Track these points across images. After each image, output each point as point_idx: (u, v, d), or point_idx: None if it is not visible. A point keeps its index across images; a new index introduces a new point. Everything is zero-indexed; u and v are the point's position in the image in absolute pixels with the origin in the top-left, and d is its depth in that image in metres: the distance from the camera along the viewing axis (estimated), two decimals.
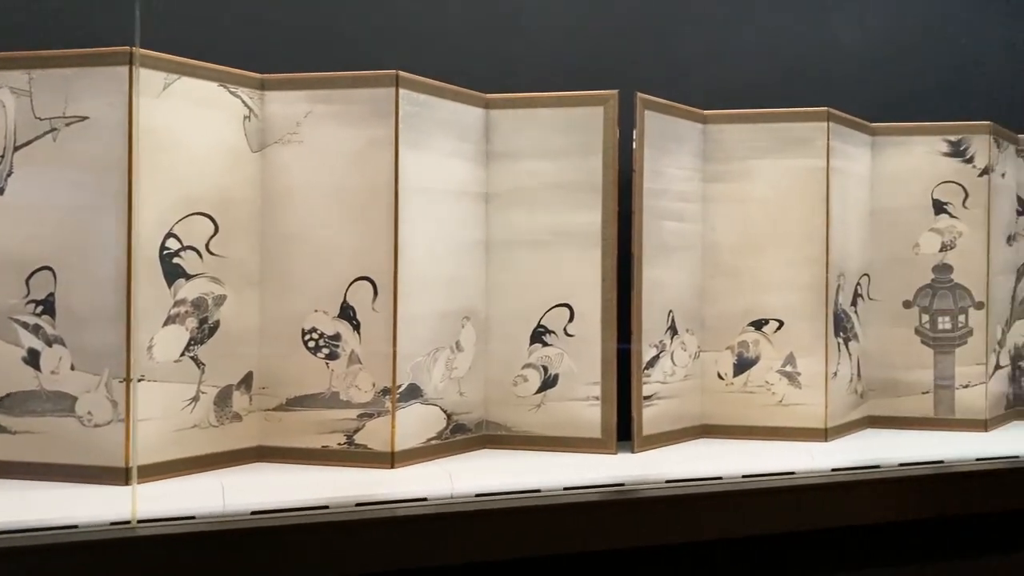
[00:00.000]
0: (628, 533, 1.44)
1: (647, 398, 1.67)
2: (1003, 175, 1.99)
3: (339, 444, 1.46)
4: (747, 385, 1.81)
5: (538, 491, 1.44)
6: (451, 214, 1.56)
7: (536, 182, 1.63)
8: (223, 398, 1.43)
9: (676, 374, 1.75)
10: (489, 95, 1.64)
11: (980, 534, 1.78)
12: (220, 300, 1.42)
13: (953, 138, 1.93)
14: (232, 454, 1.44)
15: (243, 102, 1.46)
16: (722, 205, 1.81)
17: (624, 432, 1.64)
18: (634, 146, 1.64)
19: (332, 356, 1.46)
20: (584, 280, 1.61)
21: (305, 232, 1.47)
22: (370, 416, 1.45)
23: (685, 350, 1.78)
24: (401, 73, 1.46)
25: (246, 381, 1.47)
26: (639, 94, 1.65)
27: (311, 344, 1.47)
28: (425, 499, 1.36)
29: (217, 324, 1.42)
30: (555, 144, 1.62)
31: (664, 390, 1.71)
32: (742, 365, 1.81)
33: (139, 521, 1.17)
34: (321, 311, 1.46)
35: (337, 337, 1.46)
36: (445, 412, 1.55)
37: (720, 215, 1.81)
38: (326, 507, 1.30)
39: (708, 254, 1.81)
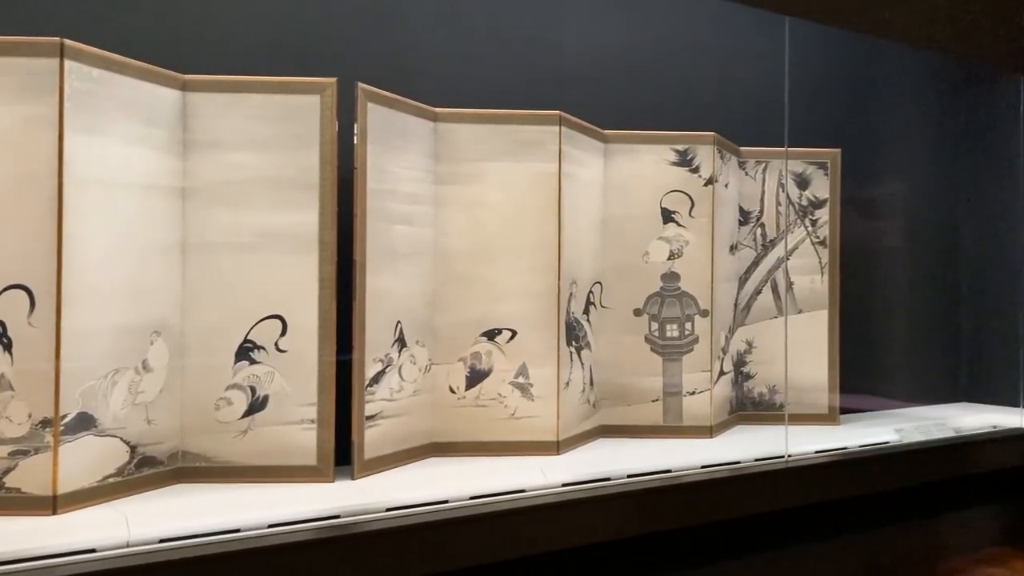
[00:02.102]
0: (345, 573, 1.28)
1: (371, 418, 1.52)
2: (726, 185, 2.04)
3: None
4: (479, 398, 1.71)
5: (237, 531, 1.25)
6: (136, 211, 1.34)
7: (243, 176, 1.44)
8: None
9: (404, 390, 1.62)
10: (187, 76, 1.43)
11: (709, 542, 1.79)
12: None
13: (680, 147, 1.94)
14: None
15: None
16: (455, 209, 1.71)
17: (345, 456, 1.49)
18: (355, 141, 1.49)
19: None
20: (299, 288, 1.44)
21: None
22: (25, 453, 1.19)
23: (415, 363, 1.65)
24: (67, 42, 1.22)
25: None
26: (360, 84, 1.50)
27: None
28: (93, 550, 1.14)
29: None
30: (265, 135, 1.44)
31: (390, 408, 1.57)
32: (475, 378, 1.71)
33: None
34: None
35: None
36: (128, 444, 1.32)
37: (452, 219, 1.71)
38: None
39: (440, 260, 1.70)
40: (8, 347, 1.19)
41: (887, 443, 2.09)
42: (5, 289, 1.19)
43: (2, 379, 1.19)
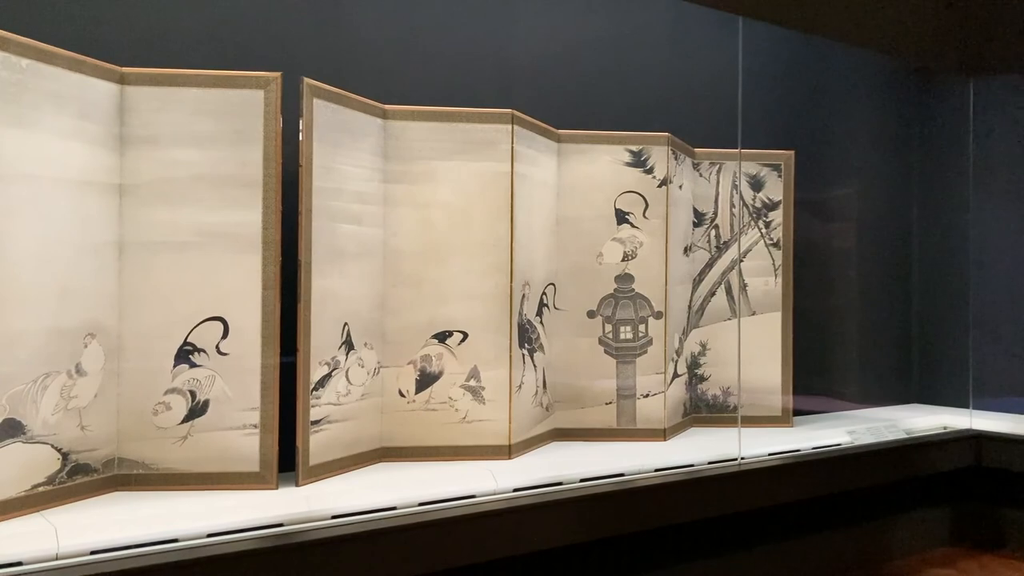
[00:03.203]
0: None
1: (316, 423, 1.48)
2: (680, 187, 2.03)
3: None
4: (429, 402, 1.68)
5: (175, 541, 1.20)
6: (69, 208, 1.28)
7: (182, 173, 1.39)
8: None
9: (352, 394, 1.58)
10: (125, 68, 1.38)
11: (662, 546, 1.78)
12: None
13: (634, 148, 1.93)
14: None
15: None
16: (404, 209, 1.67)
17: (290, 462, 1.44)
18: (301, 138, 1.45)
19: None
20: (241, 289, 1.40)
21: None
22: None
23: (363, 367, 1.61)
24: None
25: None
26: (306, 79, 1.46)
27: None
28: (19, 563, 1.09)
29: None
30: (206, 130, 1.40)
31: (337, 412, 1.53)
32: (425, 381, 1.68)
33: None
34: None
35: None
36: (59, 451, 1.27)
37: (402, 219, 1.67)
38: None
39: (390, 261, 1.67)
40: None
41: (839, 445, 2.09)
42: None
43: None
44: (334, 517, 1.35)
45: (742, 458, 1.87)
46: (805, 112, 2.52)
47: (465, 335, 1.69)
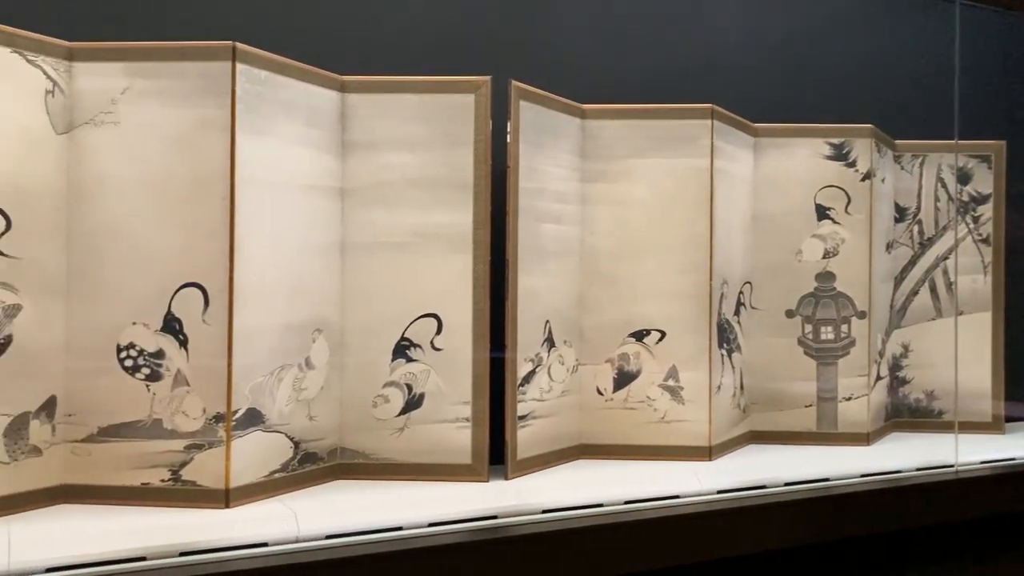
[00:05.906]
0: (503, 574, 1.27)
1: (522, 418, 1.51)
2: (883, 180, 1.94)
3: (162, 481, 1.23)
4: (627, 401, 1.68)
5: (399, 529, 1.26)
6: (299, 210, 1.36)
7: (399, 176, 1.45)
8: (17, 428, 1.19)
9: (553, 390, 1.60)
10: (345, 77, 1.45)
11: (865, 554, 1.71)
12: (13, 311, 1.18)
13: (835, 141, 1.86)
14: (28, 496, 1.20)
15: (45, 73, 1.22)
16: (601, 207, 1.68)
17: (497, 456, 1.48)
18: (508, 140, 1.48)
19: (154, 377, 1.23)
20: (454, 287, 1.44)
21: (121, 229, 1.24)
22: (200, 447, 1.23)
23: (563, 364, 1.63)
24: (239, 45, 1.25)
25: (47, 407, 1.22)
26: (514, 82, 1.49)
27: (128, 363, 1.24)
28: (265, 544, 1.16)
29: (9, 339, 1.17)
30: (420, 134, 1.45)
31: (541, 408, 1.56)
32: (622, 379, 1.68)
33: None
34: (140, 324, 1.23)
35: (160, 354, 1.23)
36: (292, 440, 1.35)
37: (599, 218, 1.68)
38: (143, 558, 1.09)
39: (587, 260, 1.68)
40: (184, 343, 1.23)
41: None
42: (182, 287, 1.23)
43: (179, 374, 1.23)
44: (544, 511, 1.37)
45: (958, 465, 1.77)
46: (1016, 100, 2.37)
47: (663, 334, 1.68)
